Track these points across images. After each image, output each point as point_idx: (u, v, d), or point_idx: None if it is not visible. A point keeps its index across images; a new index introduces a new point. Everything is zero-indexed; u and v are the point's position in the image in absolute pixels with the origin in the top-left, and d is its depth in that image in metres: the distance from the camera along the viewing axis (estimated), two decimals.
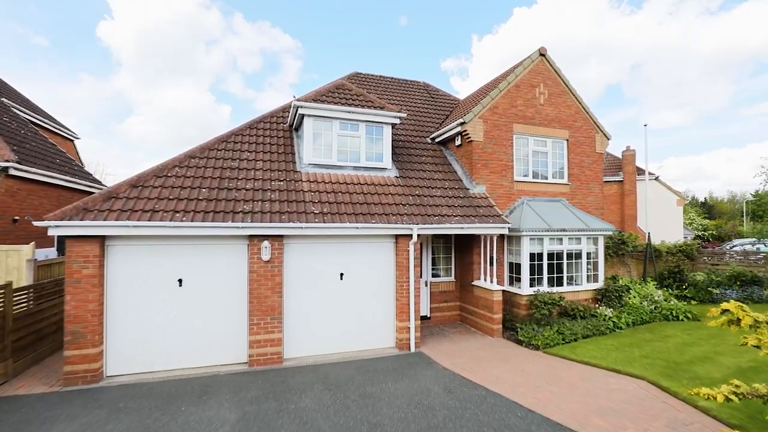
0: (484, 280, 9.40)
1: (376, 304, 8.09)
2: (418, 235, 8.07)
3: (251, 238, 7.12)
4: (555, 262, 9.76)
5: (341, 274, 7.85)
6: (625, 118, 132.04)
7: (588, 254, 10.17)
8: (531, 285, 9.45)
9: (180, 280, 6.89)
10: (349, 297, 7.89)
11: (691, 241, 17.71)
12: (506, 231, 8.99)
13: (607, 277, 11.10)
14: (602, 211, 11.60)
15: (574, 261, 10.03)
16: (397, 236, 8.12)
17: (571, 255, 9.98)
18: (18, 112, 12.52)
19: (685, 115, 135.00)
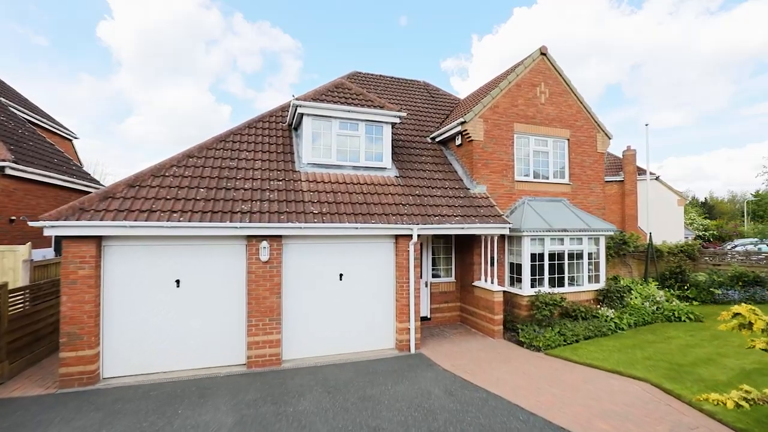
0: (485, 281, 9.33)
1: (375, 305, 8.01)
2: (418, 235, 8.00)
3: (250, 238, 7.04)
4: (556, 262, 9.69)
5: (341, 275, 7.77)
6: (625, 118, 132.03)
7: (589, 254, 10.09)
8: (532, 286, 9.37)
9: (177, 281, 6.82)
10: (349, 298, 7.81)
11: (692, 241, 17.64)
12: (507, 231, 8.91)
13: (608, 278, 11.03)
14: (603, 211, 11.53)
15: (575, 261, 9.95)
16: (397, 236, 8.04)
17: (572, 255, 9.90)
18: (16, 112, 12.44)
19: (685, 115, 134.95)
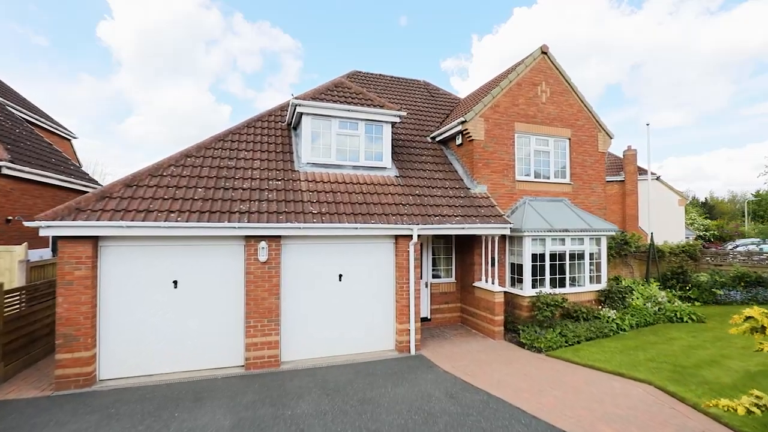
0: (486, 281, 9.25)
1: (375, 305, 7.93)
2: (419, 235, 7.92)
3: (248, 238, 6.97)
4: (557, 262, 9.61)
5: (340, 276, 7.70)
6: (625, 118, 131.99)
7: (591, 255, 10.02)
8: (533, 286, 9.30)
9: (175, 282, 6.74)
10: (348, 299, 7.74)
11: (693, 241, 17.56)
12: (508, 231, 8.83)
13: (609, 278, 10.95)
14: (605, 211, 11.45)
15: (576, 262, 9.87)
16: (396, 237, 7.97)
17: (573, 256, 9.82)
18: (13, 111, 12.36)
19: (685, 115, 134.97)
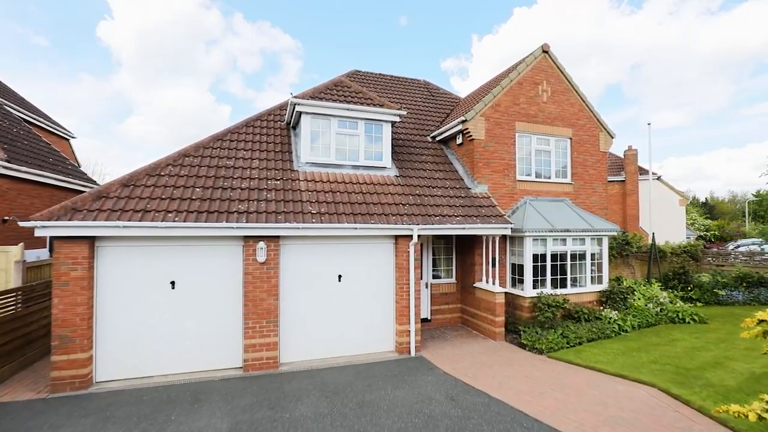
0: (486, 282, 9.17)
1: (375, 306, 7.86)
2: (419, 235, 7.84)
3: (246, 239, 6.89)
4: (558, 263, 9.53)
5: (339, 276, 7.62)
6: (625, 118, 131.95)
7: (592, 255, 9.94)
8: (534, 287, 9.22)
9: (173, 283, 6.67)
10: (348, 299, 7.66)
11: (694, 241, 17.47)
12: (509, 231, 8.76)
13: (611, 279, 10.87)
14: (606, 211, 11.37)
15: (577, 262, 9.80)
16: (396, 237, 7.89)
17: (574, 256, 9.75)
18: (10, 110, 12.28)
19: (685, 115, 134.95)
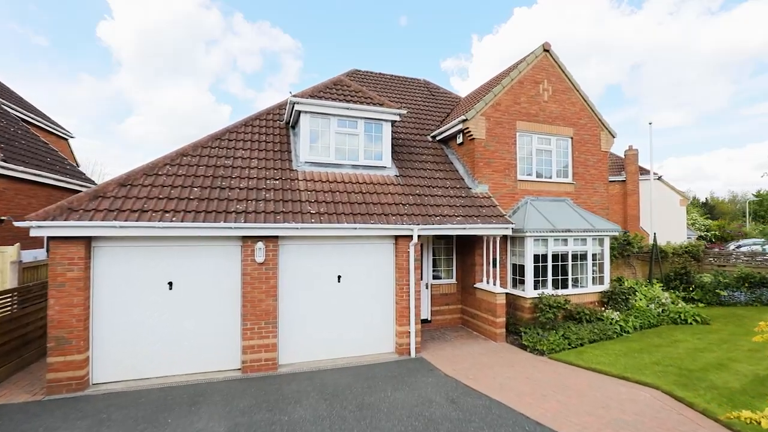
0: (487, 283, 9.10)
1: (375, 307, 7.79)
2: (419, 236, 7.77)
3: (245, 239, 6.82)
4: (559, 263, 9.47)
5: (339, 277, 7.55)
6: (626, 118, 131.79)
7: (593, 255, 9.87)
8: (535, 287, 9.15)
9: (170, 283, 6.60)
10: (347, 300, 7.59)
11: (696, 241, 17.41)
12: (510, 231, 8.69)
13: (612, 279, 10.80)
14: (607, 211, 11.30)
15: (579, 262, 9.73)
16: (396, 237, 7.82)
17: (576, 256, 9.68)
18: (8, 110, 12.21)
19: (685, 115, 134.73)
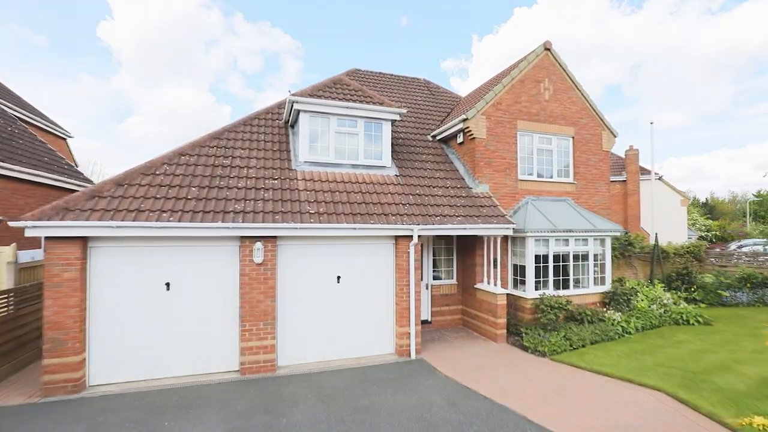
0: (488, 283, 9.02)
1: (374, 308, 7.71)
2: (419, 236, 7.70)
3: (243, 239, 6.75)
4: (561, 264, 9.39)
5: (338, 277, 7.47)
6: (626, 118, 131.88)
7: (595, 256, 9.79)
8: (536, 288, 9.07)
9: (168, 284, 6.52)
10: (347, 301, 7.51)
11: (697, 241, 17.32)
12: (511, 232, 8.61)
13: (613, 280, 10.72)
14: (609, 211, 11.22)
15: (580, 263, 9.65)
16: (396, 237, 7.75)
17: (577, 257, 9.60)
18: (6, 109, 12.12)
19: (685, 115, 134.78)
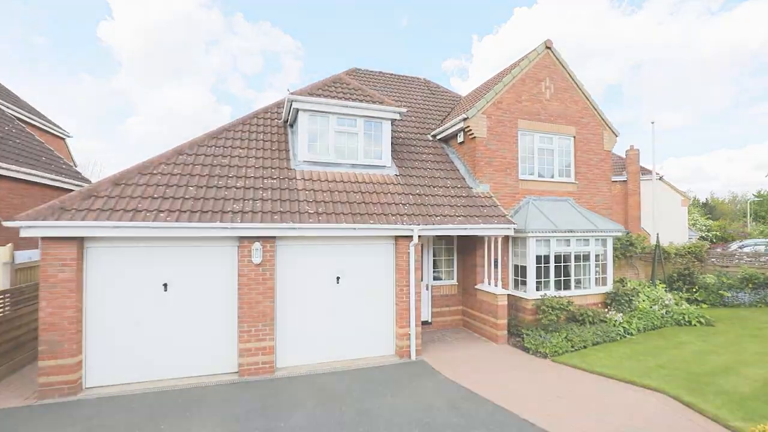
0: (488, 284, 8.96)
1: (374, 309, 7.64)
2: (419, 236, 7.63)
3: (241, 239, 6.67)
4: (562, 264, 9.32)
5: (338, 278, 7.40)
6: (626, 118, 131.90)
7: (596, 256, 9.73)
8: (537, 289, 9.00)
9: (165, 285, 6.46)
10: (346, 302, 7.44)
11: (698, 241, 17.26)
12: (512, 232, 8.54)
13: (615, 280, 10.66)
14: (610, 211, 11.15)
15: (581, 263, 9.58)
16: (396, 237, 7.68)
17: (578, 257, 9.53)
18: (3, 108, 12.05)
19: (685, 115, 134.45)
